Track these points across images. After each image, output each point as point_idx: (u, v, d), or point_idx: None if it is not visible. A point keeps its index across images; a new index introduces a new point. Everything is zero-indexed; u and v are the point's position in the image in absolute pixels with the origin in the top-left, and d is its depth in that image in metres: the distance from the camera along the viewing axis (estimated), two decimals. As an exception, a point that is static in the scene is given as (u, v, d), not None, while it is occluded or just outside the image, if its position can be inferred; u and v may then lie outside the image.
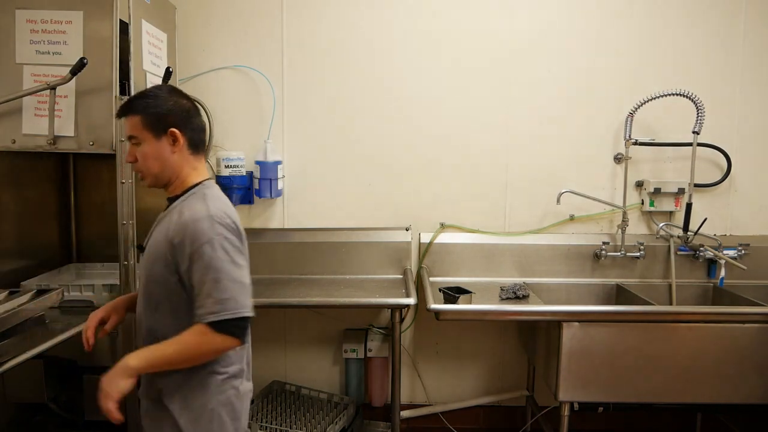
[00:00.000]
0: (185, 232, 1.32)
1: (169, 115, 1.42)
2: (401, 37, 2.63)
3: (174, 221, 1.36)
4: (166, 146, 1.42)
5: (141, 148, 1.42)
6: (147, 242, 1.46)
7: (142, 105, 1.42)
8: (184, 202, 1.41)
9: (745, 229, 2.68)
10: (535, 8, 2.61)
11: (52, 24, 1.95)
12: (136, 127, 1.41)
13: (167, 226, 1.38)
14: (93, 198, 2.51)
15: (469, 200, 2.69)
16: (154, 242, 1.40)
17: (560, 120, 2.65)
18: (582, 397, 2.09)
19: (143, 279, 1.43)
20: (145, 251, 1.44)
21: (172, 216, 1.39)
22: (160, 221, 1.45)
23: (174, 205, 1.43)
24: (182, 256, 1.32)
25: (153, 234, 1.45)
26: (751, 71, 2.61)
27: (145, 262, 1.42)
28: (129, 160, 1.45)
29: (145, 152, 1.42)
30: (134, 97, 1.46)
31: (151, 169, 1.43)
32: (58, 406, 2.13)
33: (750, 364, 2.04)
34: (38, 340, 1.60)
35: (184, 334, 1.30)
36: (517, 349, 2.76)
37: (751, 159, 2.65)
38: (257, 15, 2.63)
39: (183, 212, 1.36)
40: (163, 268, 1.35)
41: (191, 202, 1.39)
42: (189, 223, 1.32)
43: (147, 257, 1.42)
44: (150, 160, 1.42)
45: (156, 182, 1.46)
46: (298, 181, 2.70)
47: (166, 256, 1.34)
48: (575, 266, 2.67)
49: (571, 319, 2.05)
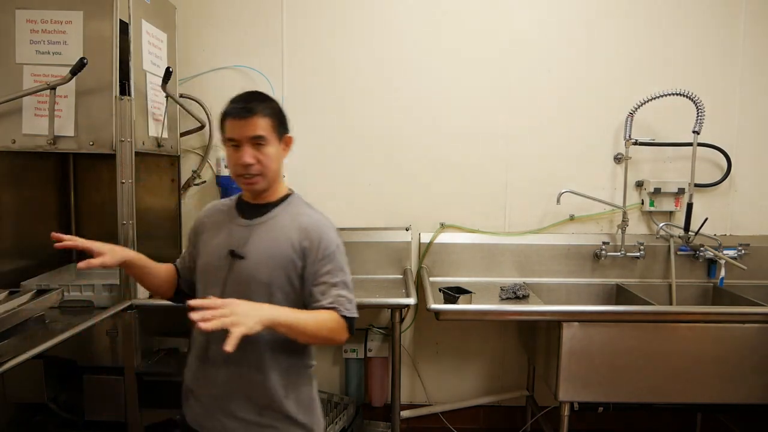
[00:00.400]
0: (312, 236, 1.40)
1: (287, 121, 1.47)
2: (401, 37, 2.63)
3: (293, 227, 1.41)
4: (281, 151, 1.45)
5: (266, 149, 1.40)
6: (240, 247, 1.41)
7: (273, 107, 1.43)
8: (292, 208, 1.46)
9: (745, 229, 2.68)
10: (535, 8, 2.61)
11: (52, 24, 1.96)
12: (267, 129, 1.40)
13: (283, 231, 1.41)
14: (93, 198, 2.51)
15: (469, 200, 2.70)
16: (270, 248, 1.39)
17: (560, 120, 2.65)
18: (582, 397, 2.09)
19: (253, 285, 1.39)
20: (253, 258, 1.40)
21: (281, 221, 1.42)
22: (254, 227, 1.43)
23: (275, 212, 1.45)
24: (311, 258, 1.39)
25: (254, 240, 1.41)
26: (751, 71, 2.61)
27: (262, 268, 1.39)
28: (250, 161, 1.38)
29: (271, 154, 1.41)
30: (260, 97, 1.45)
31: (273, 171, 1.43)
32: (58, 406, 2.13)
33: (750, 364, 2.04)
34: (38, 340, 1.59)
35: (321, 314, 1.36)
36: (517, 349, 2.76)
37: (751, 159, 2.65)
38: (257, 15, 2.63)
39: (299, 219, 1.43)
40: (289, 272, 1.39)
41: (302, 209, 1.47)
42: (315, 228, 1.41)
43: (263, 263, 1.39)
44: (274, 163, 1.42)
45: (267, 186, 1.45)
46: (298, 181, 2.69)
47: (293, 261, 1.39)
48: (575, 266, 2.67)
49: (571, 319, 2.05)
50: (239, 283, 1.40)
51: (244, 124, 1.38)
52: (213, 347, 1.40)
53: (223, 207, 1.55)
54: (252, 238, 1.42)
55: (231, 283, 1.41)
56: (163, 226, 2.54)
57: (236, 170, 1.41)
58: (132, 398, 2.06)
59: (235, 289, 1.38)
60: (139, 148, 2.08)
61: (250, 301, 1.31)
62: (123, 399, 2.06)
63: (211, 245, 1.47)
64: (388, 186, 2.70)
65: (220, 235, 1.47)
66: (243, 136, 1.38)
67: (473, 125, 2.66)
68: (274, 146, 1.42)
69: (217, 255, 1.44)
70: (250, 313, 1.22)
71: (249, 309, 1.23)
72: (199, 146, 2.66)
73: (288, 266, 1.39)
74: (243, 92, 1.46)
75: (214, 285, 1.42)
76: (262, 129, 1.38)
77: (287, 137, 1.48)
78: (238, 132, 1.39)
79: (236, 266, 1.41)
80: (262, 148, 1.39)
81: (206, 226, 1.53)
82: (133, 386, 2.05)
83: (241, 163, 1.39)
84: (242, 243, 1.42)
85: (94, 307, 2.08)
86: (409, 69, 2.65)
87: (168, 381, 2.03)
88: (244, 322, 1.18)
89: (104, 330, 2.04)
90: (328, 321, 1.36)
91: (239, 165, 1.39)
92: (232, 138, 1.40)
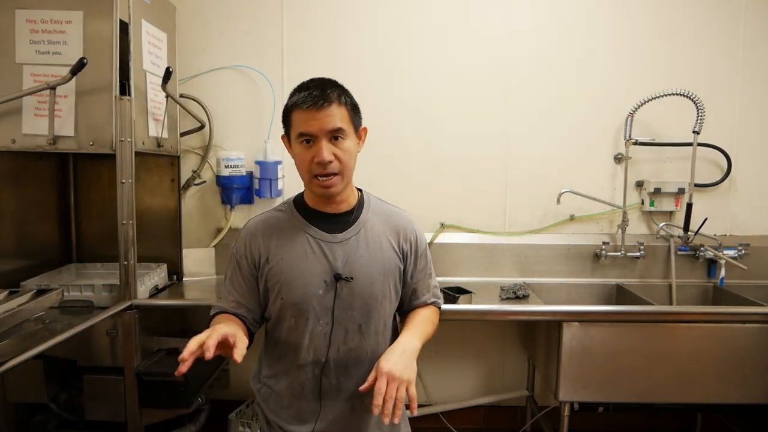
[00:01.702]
0: (410, 236, 1.35)
1: (360, 112, 1.29)
2: (401, 37, 2.63)
3: (389, 231, 1.32)
4: (357, 146, 1.27)
5: (345, 144, 1.21)
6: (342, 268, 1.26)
7: (348, 96, 1.24)
8: (377, 210, 1.35)
9: (745, 229, 2.68)
10: (535, 8, 2.61)
11: (52, 24, 1.95)
12: (345, 120, 1.21)
13: (381, 239, 1.29)
14: (93, 198, 2.51)
15: (469, 200, 2.69)
16: (375, 261, 1.27)
17: (560, 120, 2.65)
18: (582, 397, 2.09)
19: (366, 306, 1.27)
20: (361, 277, 1.25)
21: (376, 228, 1.30)
22: (349, 241, 1.27)
23: (364, 219, 1.31)
24: (412, 257, 1.35)
25: (355, 256, 1.26)
26: (751, 71, 2.61)
27: (374, 285, 1.26)
28: (329, 157, 1.19)
29: (350, 149, 1.22)
30: (334, 83, 1.25)
31: (351, 170, 1.25)
32: (58, 406, 2.13)
33: (750, 364, 2.04)
34: (38, 340, 1.59)
35: (426, 313, 1.35)
36: (517, 349, 2.76)
37: (751, 159, 2.65)
38: (257, 15, 2.63)
39: (390, 220, 1.35)
40: (396, 279, 1.32)
41: (384, 207, 1.39)
42: (409, 227, 1.36)
43: (374, 279, 1.27)
44: (352, 160, 1.24)
45: (344, 188, 1.26)
46: (298, 181, 2.69)
47: (398, 266, 1.32)
48: (575, 266, 2.67)
49: (571, 319, 2.05)
50: (350, 308, 1.25)
51: (320, 116, 1.17)
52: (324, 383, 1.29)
53: (279, 223, 1.32)
54: (352, 255, 1.25)
55: (340, 309, 1.25)
56: (163, 226, 2.53)
57: (311, 170, 1.22)
58: (132, 398, 2.06)
59: (346, 316, 1.24)
60: (139, 148, 2.08)
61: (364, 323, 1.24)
62: (123, 399, 2.06)
63: (300, 274, 1.25)
64: (388, 186, 2.69)
65: (307, 258, 1.25)
66: (320, 129, 1.18)
67: (473, 125, 2.66)
68: (352, 140, 1.23)
69: (314, 282, 1.24)
70: (405, 362, 1.15)
71: (400, 363, 1.14)
72: (199, 146, 2.66)
73: (395, 273, 1.30)
74: (309, 80, 1.25)
75: (319, 317, 1.24)
76: (340, 120, 1.19)
77: (362, 129, 1.29)
78: (312, 125, 1.18)
79: (344, 290, 1.24)
80: (339, 142, 1.20)
81: (271, 253, 1.28)
82: (133, 386, 2.05)
83: (318, 161, 1.18)
84: (342, 262, 1.25)
85: (94, 307, 2.08)
86: (409, 68, 2.64)
87: (168, 381, 2.03)
88: (410, 377, 1.14)
89: (104, 330, 2.04)
90: (433, 316, 1.37)
91: (316, 163, 1.19)
92: (305, 132, 1.19)
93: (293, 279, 1.25)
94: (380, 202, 1.41)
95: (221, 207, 2.69)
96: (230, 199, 2.60)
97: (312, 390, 1.29)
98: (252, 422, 2.36)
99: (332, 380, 1.29)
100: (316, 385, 1.29)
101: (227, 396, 2.65)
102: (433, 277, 1.43)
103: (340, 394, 1.30)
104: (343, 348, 1.28)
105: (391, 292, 1.31)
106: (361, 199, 1.35)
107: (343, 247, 1.26)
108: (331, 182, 1.21)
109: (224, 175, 2.54)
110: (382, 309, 1.30)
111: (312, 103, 1.17)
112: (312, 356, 1.28)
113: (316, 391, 1.29)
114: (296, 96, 1.21)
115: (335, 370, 1.29)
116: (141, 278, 2.13)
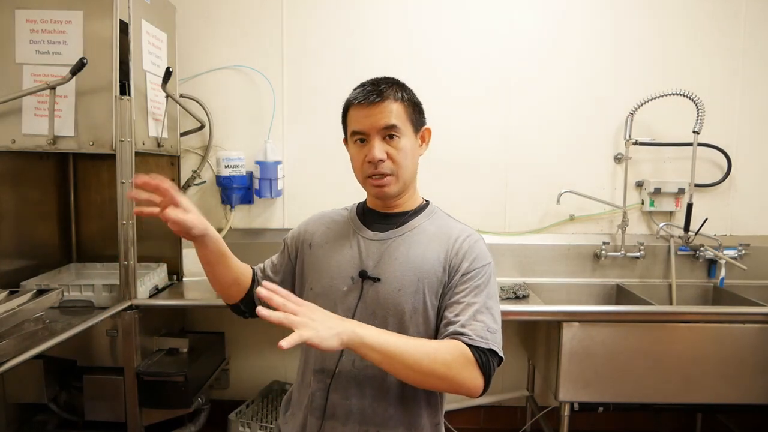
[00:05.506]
0: (463, 247, 1.16)
1: (423, 110, 1.20)
2: (401, 36, 2.63)
3: (439, 238, 1.17)
4: (417, 147, 1.19)
5: (400, 142, 1.13)
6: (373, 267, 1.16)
7: (408, 92, 1.18)
8: (436, 219, 1.23)
9: (746, 229, 2.68)
10: (535, 8, 2.61)
11: (52, 24, 1.96)
12: (400, 117, 1.13)
13: (426, 245, 1.16)
14: (93, 198, 2.51)
15: (469, 200, 2.69)
16: (411, 267, 1.13)
17: (560, 120, 2.65)
18: (582, 397, 2.09)
19: (390, 314, 1.13)
20: (390, 281, 1.13)
21: (424, 232, 1.18)
22: (390, 241, 1.17)
23: (415, 222, 1.20)
24: (453, 273, 1.14)
25: (389, 258, 1.15)
26: (751, 71, 2.61)
27: (403, 293, 1.13)
28: (380, 156, 1.11)
29: (406, 149, 1.14)
30: (391, 80, 1.19)
31: (408, 171, 1.16)
32: (58, 406, 2.13)
33: (750, 364, 2.04)
34: (38, 340, 1.59)
35: (437, 342, 1.06)
36: (517, 349, 2.76)
37: (751, 159, 2.65)
38: (257, 15, 2.63)
39: (445, 229, 1.20)
40: (432, 295, 1.13)
41: (446, 221, 1.24)
42: (466, 239, 1.18)
43: (404, 286, 1.13)
44: (409, 159, 1.15)
45: (401, 190, 1.18)
46: (298, 181, 2.70)
47: (439, 279, 1.14)
48: (575, 266, 2.67)
49: (571, 319, 2.05)
50: (372, 315, 1.12)
51: (373, 112, 1.12)
52: (332, 399, 1.14)
53: (338, 217, 1.30)
54: (387, 256, 1.15)
55: (362, 315, 1.13)
56: (163, 226, 2.47)
57: (364, 170, 1.15)
58: (132, 398, 2.06)
59: (367, 321, 1.10)
60: (139, 148, 2.08)
61: None
62: (123, 399, 2.06)
63: (330, 265, 1.19)
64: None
65: (343, 251, 1.19)
66: (371, 126, 1.12)
67: (473, 125, 2.66)
68: (410, 139, 1.16)
69: (341, 277, 1.16)
70: (328, 322, 0.96)
71: (328, 318, 0.97)
72: (199, 146, 2.66)
73: (434, 287, 1.13)
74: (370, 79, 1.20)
75: (339, 314, 1.07)
76: (394, 117, 1.12)
77: (426, 129, 1.22)
78: (364, 122, 1.13)
79: (370, 293, 1.14)
80: (394, 140, 1.13)
81: (316, 239, 1.25)
82: (133, 386, 2.05)
83: (369, 160, 1.12)
84: (375, 261, 1.15)
85: (94, 307, 2.08)
86: (409, 68, 2.64)
87: (168, 381, 2.03)
88: (315, 328, 0.92)
89: (104, 330, 2.04)
90: (446, 350, 1.03)
91: (368, 163, 1.13)
92: (358, 130, 1.14)
93: (325, 269, 1.20)
94: (447, 217, 1.27)
95: (221, 207, 2.69)
96: (230, 199, 2.60)
97: (318, 406, 1.16)
98: (251, 422, 2.36)
99: (342, 398, 1.14)
100: (323, 400, 1.15)
101: (227, 396, 2.64)
102: (491, 312, 1.13)
103: (349, 417, 1.13)
104: (359, 362, 1.12)
105: (426, 308, 1.13)
106: (422, 206, 1.26)
107: (381, 246, 1.17)
108: (383, 182, 1.14)
109: (224, 175, 2.54)
110: (411, 326, 1.12)
111: (364, 98, 1.13)
112: (321, 363, 1.17)
113: (321, 407, 1.15)
114: (352, 93, 1.19)
115: (346, 385, 1.14)
116: (141, 278, 2.13)
